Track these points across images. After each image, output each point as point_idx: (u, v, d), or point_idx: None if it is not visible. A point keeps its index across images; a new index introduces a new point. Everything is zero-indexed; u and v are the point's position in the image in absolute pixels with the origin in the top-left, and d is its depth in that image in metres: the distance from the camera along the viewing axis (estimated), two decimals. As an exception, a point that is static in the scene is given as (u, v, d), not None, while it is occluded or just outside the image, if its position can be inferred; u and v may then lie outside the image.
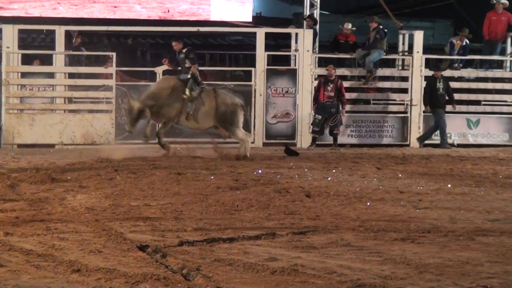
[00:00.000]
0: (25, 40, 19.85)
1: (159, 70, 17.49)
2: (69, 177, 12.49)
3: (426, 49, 19.32)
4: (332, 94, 16.99)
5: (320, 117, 17.25)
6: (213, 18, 20.52)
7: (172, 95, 15.22)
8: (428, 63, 19.17)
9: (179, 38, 15.83)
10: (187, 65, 15.35)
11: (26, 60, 17.71)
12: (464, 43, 18.85)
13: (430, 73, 18.66)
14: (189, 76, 15.22)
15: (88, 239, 8.14)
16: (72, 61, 17.95)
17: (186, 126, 15.71)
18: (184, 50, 15.46)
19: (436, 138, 18.46)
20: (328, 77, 17.17)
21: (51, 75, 17.67)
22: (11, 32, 16.98)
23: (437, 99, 18.00)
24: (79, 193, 11.06)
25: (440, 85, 17.99)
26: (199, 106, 15.38)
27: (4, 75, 16.87)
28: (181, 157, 15.05)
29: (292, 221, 9.36)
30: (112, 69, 17.24)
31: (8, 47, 16.92)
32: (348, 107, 18.37)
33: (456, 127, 18.57)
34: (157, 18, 20.09)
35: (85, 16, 19.61)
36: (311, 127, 17.61)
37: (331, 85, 16.93)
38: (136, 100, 15.13)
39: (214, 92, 15.59)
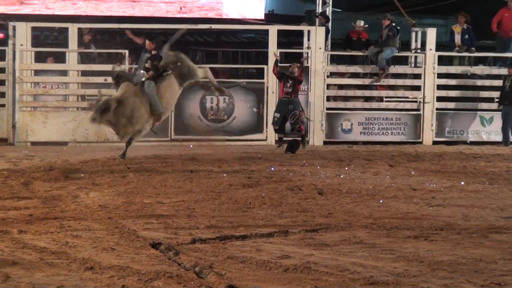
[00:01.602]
0: (38, 37, 19.89)
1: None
2: (82, 175, 12.53)
3: (439, 46, 19.26)
4: (290, 90, 16.29)
5: (278, 115, 16.49)
6: (225, 15, 20.51)
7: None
8: (441, 60, 19.12)
9: (153, 38, 15.41)
10: (147, 65, 14.62)
11: (39, 57, 17.75)
12: (465, 27, 18.79)
13: (442, 70, 18.62)
14: (143, 79, 14.22)
15: (101, 237, 8.16)
16: (84, 58, 17.99)
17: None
18: (153, 53, 14.78)
19: (449, 136, 18.43)
20: (290, 74, 16.41)
21: (64, 72, 17.70)
22: (24, 30, 17.02)
23: (504, 96, 17.97)
24: (92, 191, 11.09)
25: (507, 83, 17.95)
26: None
27: (18, 72, 16.92)
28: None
29: (304, 219, 9.35)
30: (124, 67, 17.25)
31: (21, 45, 16.95)
32: (360, 104, 18.37)
33: (469, 125, 18.52)
34: (176, 13, 20.09)
35: (105, 11, 19.66)
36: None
37: (290, 82, 16.31)
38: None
39: None
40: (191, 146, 16.58)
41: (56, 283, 6.50)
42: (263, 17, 21.00)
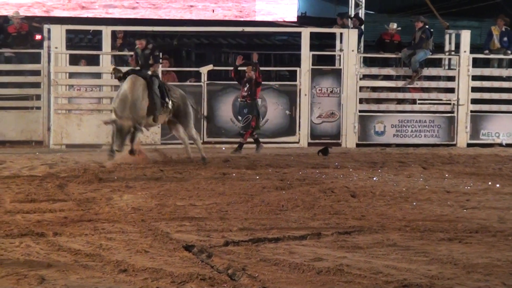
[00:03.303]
0: (72, 40, 20.05)
1: (204, 70, 17.55)
2: (115, 177, 12.60)
3: (473, 49, 19.12)
4: (246, 94, 16.08)
5: (240, 118, 16.31)
6: (258, 18, 20.55)
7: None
8: (475, 63, 18.98)
9: (142, 36, 15.44)
10: (150, 61, 14.66)
11: (73, 60, 17.88)
12: (503, 29, 18.64)
13: (477, 72, 18.48)
14: (149, 72, 14.40)
15: (134, 239, 8.20)
16: (118, 61, 18.08)
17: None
18: (149, 46, 14.75)
19: (484, 138, 18.29)
20: (246, 78, 16.19)
21: (97, 75, 17.82)
22: (59, 33, 17.13)
23: None
24: (125, 193, 11.15)
25: None
26: None
27: (53, 75, 17.05)
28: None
29: (337, 221, 9.33)
30: (158, 69, 17.32)
31: (56, 48, 17.08)
32: (393, 106, 18.29)
33: (504, 127, 18.36)
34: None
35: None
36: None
37: (248, 85, 16.07)
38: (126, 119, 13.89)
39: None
40: (224, 148, 16.60)
41: (91, 285, 6.54)
42: (295, 20, 20.98)
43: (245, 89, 16.09)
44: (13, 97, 17.44)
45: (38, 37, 17.75)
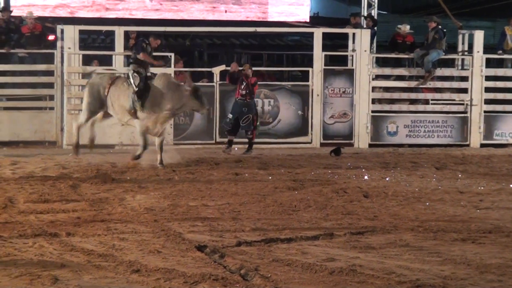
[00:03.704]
0: (85, 40, 20.10)
1: (216, 70, 17.55)
2: (128, 178, 12.63)
3: (486, 49, 19.06)
4: (244, 92, 16.01)
5: (231, 115, 16.16)
6: (270, 18, 20.57)
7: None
8: (489, 63, 18.92)
9: (158, 37, 15.37)
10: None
11: (86, 60, 17.91)
12: None
13: (490, 72, 18.42)
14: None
15: (147, 240, 8.22)
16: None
17: None
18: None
19: (497, 138, 18.23)
20: (244, 76, 16.11)
21: (110, 75, 17.81)
22: (72, 33, 17.16)
23: None
24: (138, 194, 11.17)
25: None
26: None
27: (66, 75, 17.08)
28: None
29: (350, 222, 9.33)
30: (170, 70, 17.35)
31: (69, 48, 17.12)
32: (405, 107, 18.25)
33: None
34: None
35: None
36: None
37: (245, 83, 15.98)
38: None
39: None
40: (236, 149, 16.60)
41: (103, 285, 6.56)
42: (308, 20, 20.98)
43: (242, 87, 16.07)
44: (27, 98, 17.49)
45: (51, 37, 17.79)
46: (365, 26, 18.72)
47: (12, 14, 18.35)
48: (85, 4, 19.65)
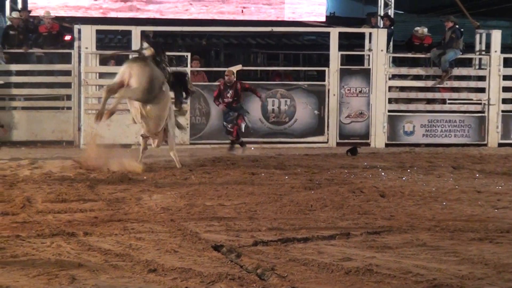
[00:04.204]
0: (102, 40, 20.18)
1: (233, 70, 17.56)
2: (145, 177, 12.66)
3: (504, 48, 18.99)
4: (231, 100, 15.86)
5: (228, 124, 16.00)
6: (287, 18, 20.57)
7: None
8: (506, 63, 18.86)
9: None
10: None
11: (104, 60, 17.97)
12: None
13: (508, 72, 18.35)
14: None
15: (164, 239, 8.23)
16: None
17: None
18: None
19: (515, 138, 18.20)
20: (227, 82, 16.07)
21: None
22: (89, 33, 17.22)
23: None
24: (155, 193, 11.19)
25: None
26: None
27: (83, 75, 17.15)
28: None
29: (366, 221, 9.31)
30: (186, 69, 17.39)
31: (86, 48, 17.18)
32: (422, 106, 18.21)
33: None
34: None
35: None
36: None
37: (230, 91, 15.89)
38: None
39: None
40: (253, 148, 16.61)
41: (120, 285, 6.57)
42: (324, 20, 20.96)
43: (228, 95, 15.92)
44: (44, 97, 17.58)
45: (67, 37, 17.87)
46: (381, 26, 18.69)
47: (31, 14, 18.48)
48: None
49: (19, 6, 18.94)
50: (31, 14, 18.57)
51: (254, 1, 20.41)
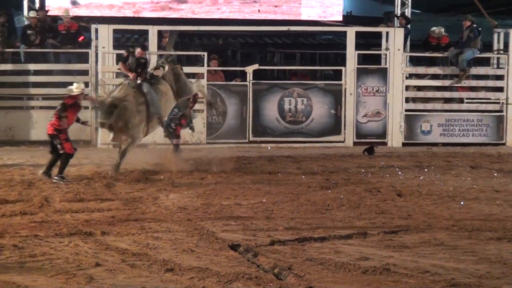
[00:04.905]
0: (119, 40, 20.22)
1: (249, 69, 17.58)
2: (162, 177, 12.68)
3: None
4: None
5: (171, 123, 15.05)
6: (304, 17, 20.54)
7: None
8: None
9: (141, 46, 14.96)
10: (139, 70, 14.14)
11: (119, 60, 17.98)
12: None
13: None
14: (139, 81, 13.82)
15: (180, 238, 8.25)
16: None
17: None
18: (145, 56, 14.45)
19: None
20: None
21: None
22: (106, 32, 17.27)
23: None
24: (171, 193, 11.22)
25: None
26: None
27: (100, 75, 17.19)
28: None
29: (383, 220, 9.29)
30: (203, 69, 17.40)
31: (103, 47, 17.23)
32: (439, 105, 18.14)
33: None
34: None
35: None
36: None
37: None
38: None
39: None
40: (269, 148, 16.61)
41: (138, 284, 6.59)
42: (341, 19, 20.92)
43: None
44: (62, 97, 17.60)
45: (81, 38, 17.95)
46: (398, 25, 18.63)
47: (48, 13, 18.55)
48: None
49: (37, 5, 19.00)
50: (48, 14, 18.63)
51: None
